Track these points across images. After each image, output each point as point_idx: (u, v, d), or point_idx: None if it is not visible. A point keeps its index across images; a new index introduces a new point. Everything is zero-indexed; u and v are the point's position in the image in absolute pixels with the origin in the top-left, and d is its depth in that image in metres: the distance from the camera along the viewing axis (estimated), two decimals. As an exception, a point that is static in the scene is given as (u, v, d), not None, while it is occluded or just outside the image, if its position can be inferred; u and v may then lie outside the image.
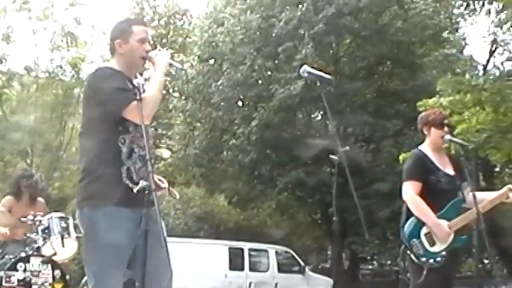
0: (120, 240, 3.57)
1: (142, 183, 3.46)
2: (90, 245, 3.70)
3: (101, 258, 3.63)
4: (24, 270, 6.21)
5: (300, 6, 20.43)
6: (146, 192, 3.41)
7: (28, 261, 6.29)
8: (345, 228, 19.41)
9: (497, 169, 25.72)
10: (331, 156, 4.06)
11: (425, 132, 5.17)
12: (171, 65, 3.83)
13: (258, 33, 21.44)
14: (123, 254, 3.61)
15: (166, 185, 4.05)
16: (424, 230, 4.81)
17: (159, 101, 3.74)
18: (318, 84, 4.37)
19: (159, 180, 4.00)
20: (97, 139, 3.72)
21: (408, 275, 4.96)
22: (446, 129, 5.09)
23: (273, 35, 20.79)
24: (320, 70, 4.52)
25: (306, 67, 4.36)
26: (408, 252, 4.83)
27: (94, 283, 3.66)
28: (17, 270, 6.19)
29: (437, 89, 14.84)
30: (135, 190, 3.48)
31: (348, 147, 4.09)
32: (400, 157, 13.12)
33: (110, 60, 3.96)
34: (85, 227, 3.74)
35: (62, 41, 26.27)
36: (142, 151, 3.70)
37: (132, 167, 3.69)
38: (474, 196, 4.71)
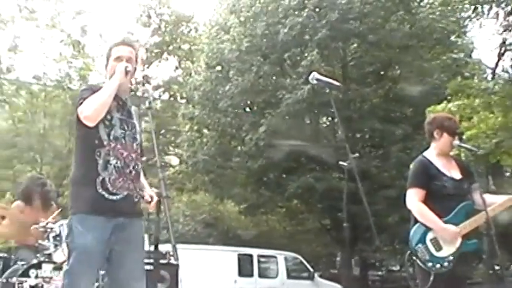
0: (89, 244, 3.91)
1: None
2: (68, 248, 4.08)
3: (72, 260, 3.95)
4: (36, 277, 6.20)
5: (303, 12, 20.41)
6: (136, 200, 3.82)
7: (40, 268, 6.29)
8: (355, 234, 19.37)
9: (507, 173, 25.51)
10: (341, 162, 4.10)
11: (436, 136, 5.03)
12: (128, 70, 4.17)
13: (264, 40, 21.44)
14: (91, 258, 3.94)
15: (154, 201, 4.24)
16: (430, 235, 4.77)
17: (106, 104, 4.00)
18: (328, 90, 4.41)
19: (150, 196, 4.26)
20: (78, 153, 4.24)
21: (417, 281, 4.87)
22: (457, 137, 5.02)
23: (279, 41, 20.78)
24: (328, 76, 4.56)
25: (314, 74, 4.41)
26: (414, 258, 4.77)
27: (66, 282, 3.98)
28: (29, 276, 6.20)
29: (447, 93, 14.70)
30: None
31: (357, 154, 4.15)
32: (411, 166, 13.01)
33: None
34: (66, 232, 4.22)
35: (69, 49, 26.39)
36: (120, 162, 4.03)
37: (107, 178, 4.01)
38: (483, 199, 4.63)
